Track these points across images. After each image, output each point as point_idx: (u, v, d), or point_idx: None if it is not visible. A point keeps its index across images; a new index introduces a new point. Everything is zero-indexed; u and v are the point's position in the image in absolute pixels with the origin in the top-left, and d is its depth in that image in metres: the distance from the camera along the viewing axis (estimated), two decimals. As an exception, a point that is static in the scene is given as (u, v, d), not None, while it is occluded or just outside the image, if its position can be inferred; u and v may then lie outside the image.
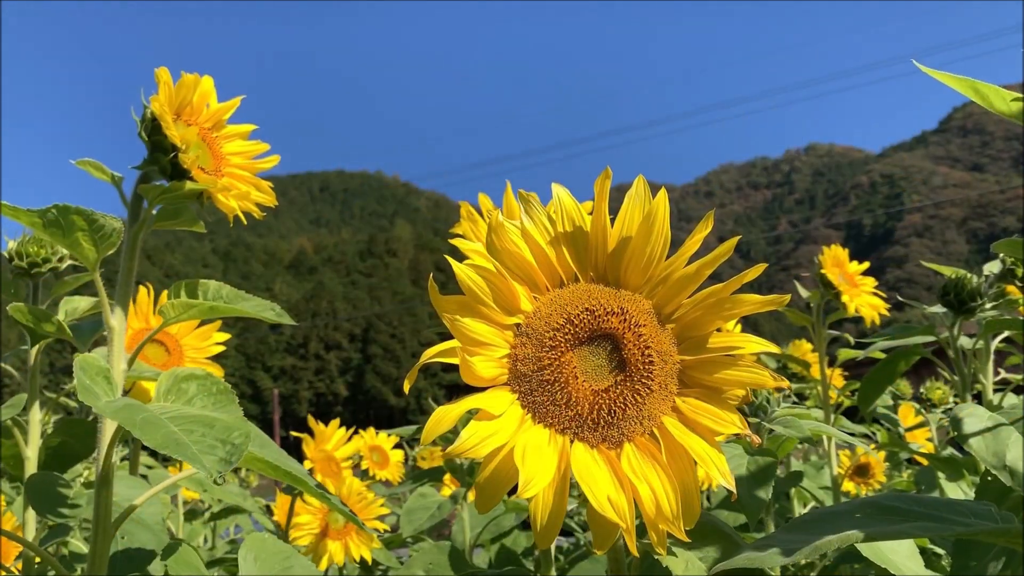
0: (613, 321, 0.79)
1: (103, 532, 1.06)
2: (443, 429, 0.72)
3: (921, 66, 0.88)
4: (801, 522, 0.78)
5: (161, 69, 1.07)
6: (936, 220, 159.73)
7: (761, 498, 1.32)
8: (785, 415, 1.50)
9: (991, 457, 1.19)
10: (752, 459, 1.39)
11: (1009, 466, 1.17)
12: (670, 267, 0.79)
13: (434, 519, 2.15)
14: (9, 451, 1.53)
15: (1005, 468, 1.17)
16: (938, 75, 0.86)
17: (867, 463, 2.99)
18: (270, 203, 1.23)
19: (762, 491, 1.32)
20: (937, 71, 0.86)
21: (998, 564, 1.13)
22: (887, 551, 1.24)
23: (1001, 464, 1.18)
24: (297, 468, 1.14)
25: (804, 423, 1.47)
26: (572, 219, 0.80)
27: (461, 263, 0.77)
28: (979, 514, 0.70)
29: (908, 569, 1.15)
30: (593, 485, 0.73)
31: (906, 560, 1.20)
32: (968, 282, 1.86)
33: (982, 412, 1.30)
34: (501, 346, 0.78)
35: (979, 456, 1.20)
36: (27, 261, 1.48)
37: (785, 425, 1.45)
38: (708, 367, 0.80)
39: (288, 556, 1.24)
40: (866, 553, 1.24)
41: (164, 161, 1.10)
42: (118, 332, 1.11)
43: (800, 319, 2.30)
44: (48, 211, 1.04)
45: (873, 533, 0.65)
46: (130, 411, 0.89)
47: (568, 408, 0.77)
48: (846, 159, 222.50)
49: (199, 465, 0.82)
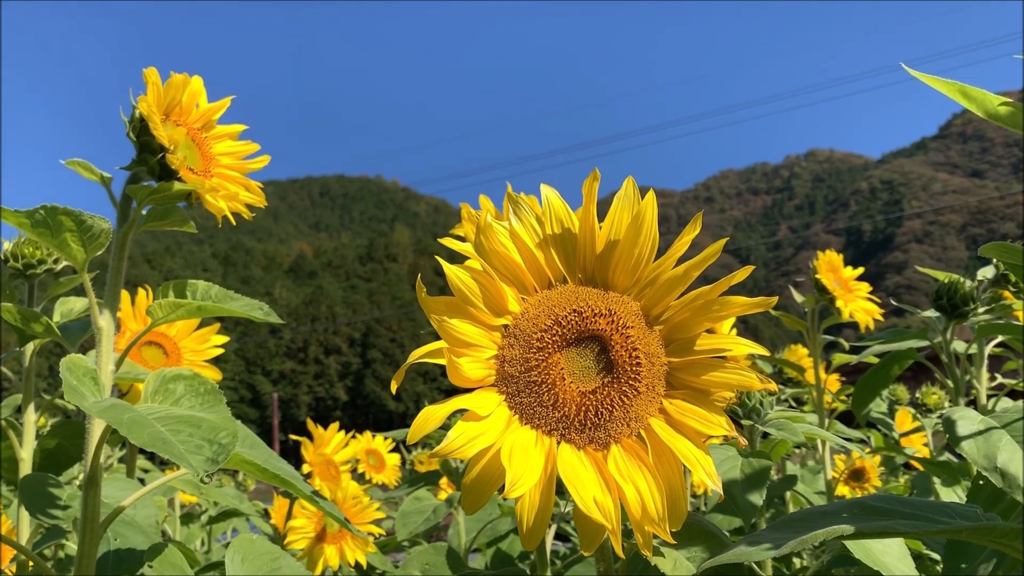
0: (601, 323, 0.79)
1: (91, 532, 1.06)
2: (430, 429, 0.72)
3: (911, 70, 0.88)
4: (789, 520, 0.78)
5: (149, 69, 1.06)
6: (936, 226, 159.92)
7: (755, 501, 1.32)
8: (778, 418, 1.50)
9: (982, 459, 1.19)
10: (746, 461, 1.39)
11: (1000, 468, 1.17)
12: (658, 269, 0.79)
13: (429, 522, 2.14)
14: (4, 454, 1.52)
15: (996, 470, 1.17)
16: (927, 79, 0.86)
17: (862, 468, 2.98)
18: (260, 204, 1.23)
19: (756, 494, 1.32)
20: (926, 75, 0.86)
21: (989, 566, 1.13)
22: (879, 553, 1.24)
23: (992, 466, 1.18)
24: (287, 470, 1.14)
25: (798, 426, 1.47)
26: (560, 220, 0.80)
27: (454, 264, 0.77)
28: (964, 515, 0.70)
29: (899, 570, 1.15)
30: (580, 486, 0.73)
31: (897, 562, 1.20)
32: (961, 287, 1.86)
33: (974, 415, 1.30)
34: (488, 347, 0.78)
35: (970, 458, 1.20)
36: (22, 262, 1.48)
37: (778, 428, 1.45)
38: (696, 369, 0.80)
39: (276, 557, 1.24)
40: (858, 555, 1.24)
41: (152, 162, 1.09)
42: (106, 333, 1.11)
43: (795, 324, 2.30)
44: (36, 212, 1.04)
45: (860, 528, 0.65)
46: (117, 411, 0.89)
47: (555, 409, 0.77)
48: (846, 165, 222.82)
49: (186, 464, 0.82)
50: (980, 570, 1.14)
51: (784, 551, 0.65)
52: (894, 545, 1.27)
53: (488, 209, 1.17)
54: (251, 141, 1.25)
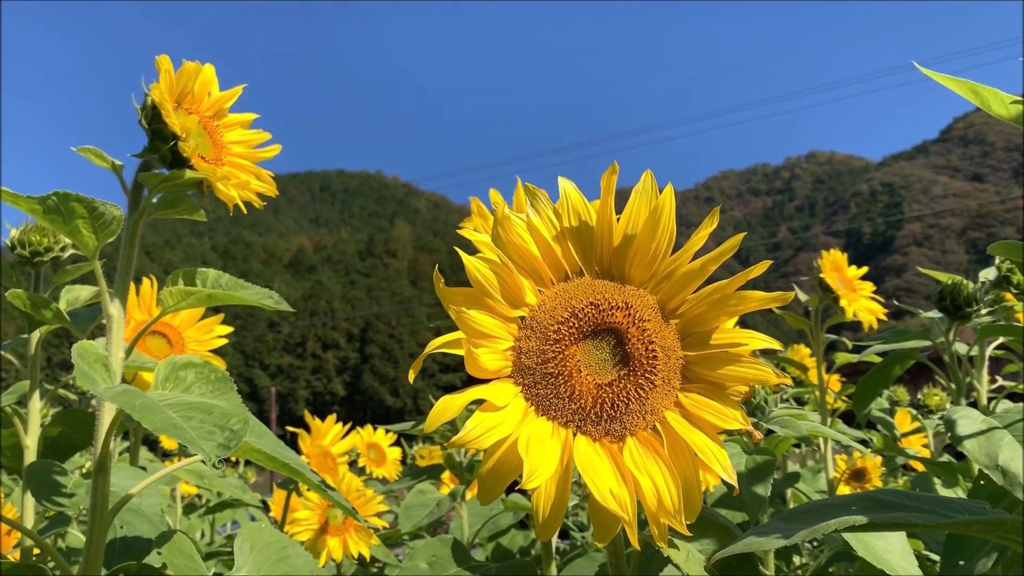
0: (617, 316, 0.79)
1: (100, 519, 1.06)
2: (448, 417, 0.72)
3: (922, 68, 0.88)
4: (798, 512, 0.78)
5: (162, 56, 1.06)
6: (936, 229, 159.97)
7: (760, 495, 1.33)
8: (783, 415, 1.50)
9: (984, 458, 1.19)
10: (751, 457, 1.40)
11: (1001, 466, 1.17)
12: (675, 263, 0.79)
13: (433, 516, 2.14)
14: (7, 441, 1.52)
15: (998, 468, 1.17)
16: (938, 77, 0.87)
17: (863, 467, 2.99)
18: (271, 192, 1.23)
19: (761, 488, 1.33)
20: (937, 73, 0.86)
21: (988, 562, 1.13)
22: (881, 551, 1.24)
23: (994, 464, 1.18)
24: (295, 459, 1.14)
25: (801, 423, 1.47)
26: (578, 213, 0.80)
27: (471, 256, 0.77)
28: (972, 510, 0.70)
29: (902, 569, 1.15)
30: (596, 478, 0.73)
31: (900, 560, 1.20)
32: (964, 288, 1.87)
33: (976, 415, 1.30)
34: (505, 339, 0.78)
35: (972, 457, 1.20)
36: (29, 250, 1.47)
37: (783, 425, 1.45)
38: (711, 363, 0.80)
39: (285, 546, 1.24)
40: (861, 552, 1.24)
41: (164, 149, 1.09)
42: (117, 320, 1.11)
43: (799, 323, 2.31)
44: (48, 198, 1.03)
45: (872, 519, 0.65)
46: (128, 396, 0.89)
47: (571, 401, 0.77)
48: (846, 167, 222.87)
49: (198, 449, 0.82)
50: (979, 566, 1.14)
51: (795, 540, 0.65)
52: (897, 543, 1.27)
53: (499, 203, 1.17)
54: (262, 130, 1.24)
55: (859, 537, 1.17)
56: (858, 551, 1.26)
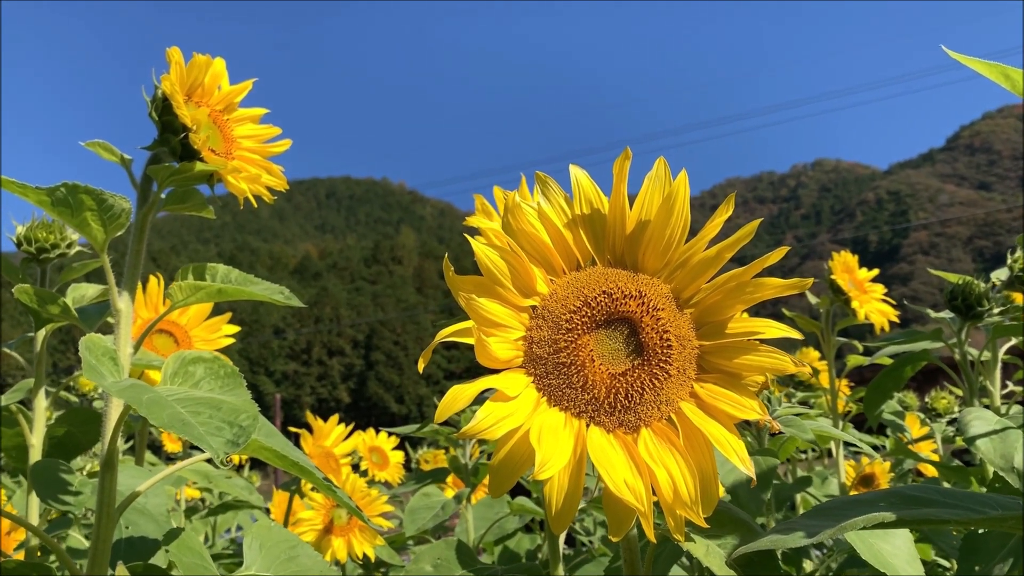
0: (631, 304, 0.78)
1: (107, 516, 1.04)
2: (458, 407, 0.71)
3: (952, 53, 0.87)
4: (822, 509, 0.76)
5: (173, 48, 1.06)
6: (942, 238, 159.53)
7: (762, 498, 1.31)
8: (787, 414, 1.49)
9: (999, 459, 1.17)
10: (753, 459, 1.38)
11: (1018, 468, 1.15)
12: (689, 251, 0.78)
13: (438, 519, 2.12)
14: (11, 441, 1.51)
15: (1013, 470, 1.15)
16: (968, 61, 0.86)
17: (872, 473, 2.96)
18: (281, 187, 1.22)
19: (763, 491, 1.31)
20: (967, 57, 0.86)
21: (1005, 566, 1.11)
22: (888, 555, 1.22)
23: (1009, 466, 1.16)
24: (304, 459, 1.13)
25: (807, 423, 1.46)
26: (590, 201, 0.79)
27: (478, 243, 0.76)
28: (1006, 506, 0.68)
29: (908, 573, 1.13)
30: (610, 469, 0.72)
31: (906, 565, 1.18)
32: (976, 287, 1.85)
33: (989, 415, 1.29)
34: (517, 328, 0.77)
35: (986, 458, 1.18)
36: (35, 246, 1.46)
37: (786, 424, 1.44)
38: (727, 352, 0.78)
39: (294, 545, 1.23)
40: (865, 556, 1.21)
41: (174, 141, 1.09)
42: (125, 315, 1.10)
43: (809, 325, 2.29)
44: (57, 189, 1.03)
45: (901, 516, 0.63)
46: (136, 391, 0.88)
47: (584, 391, 0.76)
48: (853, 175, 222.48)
49: (206, 445, 0.80)
50: (996, 570, 1.12)
51: (820, 538, 0.63)
52: (903, 547, 1.25)
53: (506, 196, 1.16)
54: (272, 125, 1.24)
55: (864, 539, 1.14)
56: (862, 554, 1.24)
